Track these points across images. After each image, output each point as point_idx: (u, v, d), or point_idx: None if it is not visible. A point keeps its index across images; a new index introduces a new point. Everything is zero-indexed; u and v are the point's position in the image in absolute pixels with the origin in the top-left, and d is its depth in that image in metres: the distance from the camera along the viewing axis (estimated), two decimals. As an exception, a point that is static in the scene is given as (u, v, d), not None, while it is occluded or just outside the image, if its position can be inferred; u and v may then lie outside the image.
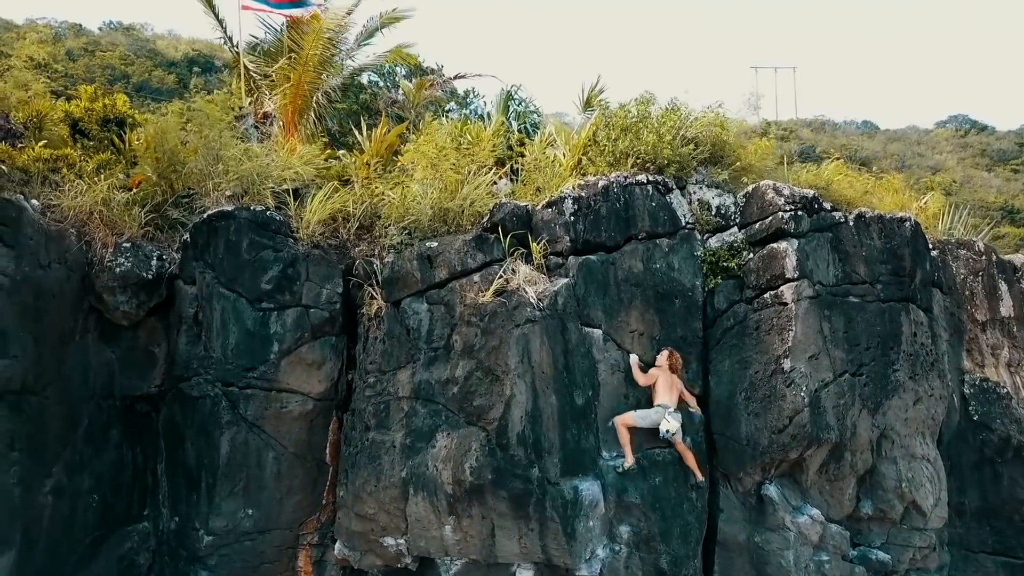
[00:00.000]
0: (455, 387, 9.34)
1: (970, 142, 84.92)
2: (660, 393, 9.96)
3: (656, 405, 9.93)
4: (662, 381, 10.00)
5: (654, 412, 9.88)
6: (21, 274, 9.67)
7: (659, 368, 10.10)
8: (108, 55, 51.68)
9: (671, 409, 9.89)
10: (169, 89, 49.99)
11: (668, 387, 9.99)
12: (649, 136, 10.85)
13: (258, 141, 13.03)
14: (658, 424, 9.83)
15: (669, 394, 9.97)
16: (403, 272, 10.01)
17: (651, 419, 9.87)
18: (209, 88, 50.30)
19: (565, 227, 10.14)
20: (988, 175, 70.04)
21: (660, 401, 9.92)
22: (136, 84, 48.45)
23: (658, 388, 9.99)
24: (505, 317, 9.31)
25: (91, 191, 11.00)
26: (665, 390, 9.97)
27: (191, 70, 55.81)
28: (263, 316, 10.18)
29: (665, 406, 9.88)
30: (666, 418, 9.81)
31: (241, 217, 10.45)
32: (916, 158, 78.25)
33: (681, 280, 10.58)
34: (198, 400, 10.12)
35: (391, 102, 16.50)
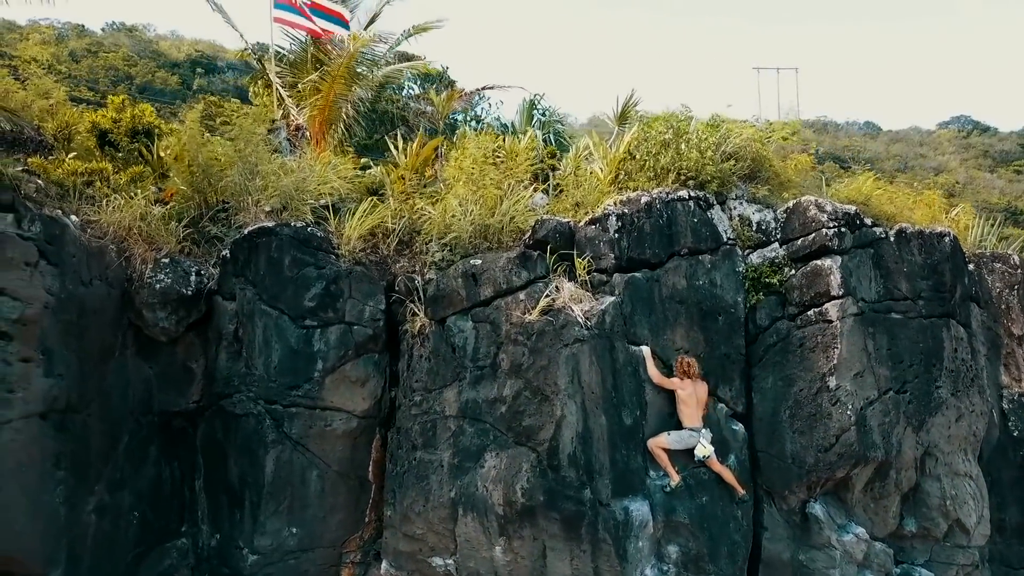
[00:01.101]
0: (503, 406, 9.31)
1: (972, 143, 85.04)
2: (687, 415, 9.82)
3: (687, 428, 9.82)
4: (687, 397, 9.81)
5: (687, 436, 9.79)
6: (65, 292, 9.62)
7: (678, 382, 9.89)
8: (111, 56, 51.64)
9: (703, 431, 9.81)
10: (172, 90, 50.02)
11: (696, 404, 9.82)
12: (691, 152, 10.81)
13: (291, 154, 12.99)
14: (692, 447, 9.78)
15: (697, 413, 9.85)
16: (448, 290, 9.97)
17: (685, 443, 9.80)
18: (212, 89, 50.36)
19: (610, 244, 10.11)
20: (991, 176, 70.13)
21: (690, 424, 9.81)
22: (140, 85, 48.45)
23: (684, 410, 9.83)
24: (553, 336, 9.27)
25: (128, 206, 10.94)
26: (692, 410, 9.80)
27: (194, 71, 55.80)
28: (306, 334, 10.14)
29: (696, 429, 9.79)
30: (701, 443, 9.76)
31: (283, 234, 10.41)
32: (918, 159, 78.34)
33: (724, 297, 10.55)
34: (241, 418, 10.08)
35: (419, 113, 16.48)
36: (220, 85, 52.72)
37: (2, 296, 9.07)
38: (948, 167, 74.20)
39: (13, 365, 9.08)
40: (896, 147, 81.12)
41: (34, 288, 9.34)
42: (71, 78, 38.62)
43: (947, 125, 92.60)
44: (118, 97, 15.59)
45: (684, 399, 9.86)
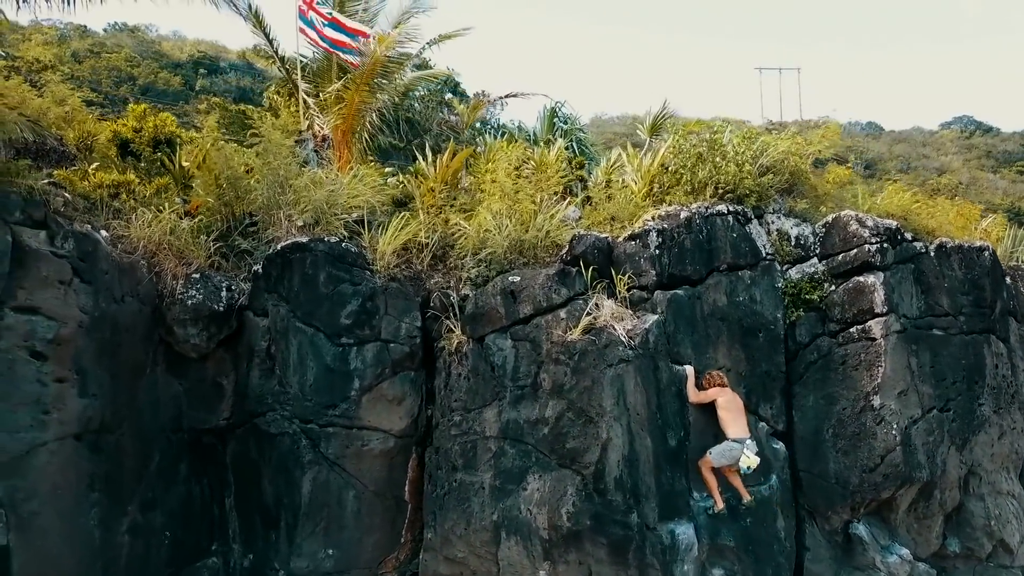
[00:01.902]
0: (545, 428, 9.15)
1: (975, 143, 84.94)
2: (730, 424, 9.60)
3: (730, 440, 9.63)
4: (725, 407, 9.61)
5: (729, 448, 9.59)
6: (99, 310, 9.47)
7: (714, 390, 9.69)
8: (114, 57, 51.41)
9: (747, 441, 9.61)
10: (175, 91, 49.84)
11: (737, 413, 9.61)
12: (729, 166, 10.66)
13: (318, 165, 12.82)
14: (737, 460, 9.60)
15: (739, 422, 9.61)
16: (487, 307, 9.81)
17: (729, 456, 9.60)
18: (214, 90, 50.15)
19: (651, 261, 9.96)
20: (994, 177, 70.02)
21: (734, 435, 9.59)
22: (142, 86, 48.26)
23: (726, 417, 9.61)
24: (596, 356, 9.12)
25: (158, 220, 10.77)
26: (734, 418, 9.58)
27: (197, 71, 55.60)
28: (343, 352, 9.98)
29: (740, 440, 9.57)
30: (745, 454, 9.54)
31: (318, 250, 10.24)
32: (921, 159, 78.18)
33: (763, 313, 10.40)
34: (276, 437, 9.93)
35: (442, 121, 16.31)
36: (223, 86, 52.56)
37: (36, 315, 8.93)
38: (951, 168, 74.05)
39: (48, 386, 8.95)
40: (899, 147, 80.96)
41: (68, 307, 9.20)
42: (74, 79, 38.42)
43: (949, 125, 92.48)
44: (139, 106, 15.43)
45: (724, 406, 9.61)
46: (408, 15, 15.78)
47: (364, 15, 15.16)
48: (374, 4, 15.38)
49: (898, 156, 77.22)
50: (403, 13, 15.88)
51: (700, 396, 9.67)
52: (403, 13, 15.88)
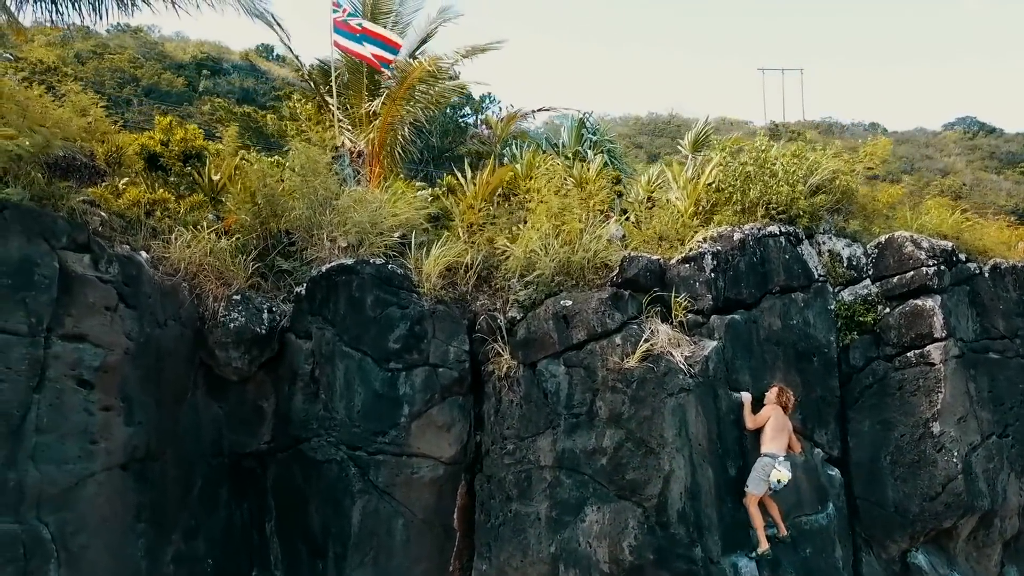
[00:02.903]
0: (603, 458, 8.95)
1: (978, 144, 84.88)
2: (768, 439, 9.31)
3: (765, 454, 9.33)
4: (772, 424, 9.35)
5: (762, 465, 9.26)
6: (144, 336, 9.26)
7: (770, 407, 9.44)
8: (117, 58, 51.14)
9: (780, 458, 9.27)
10: (179, 92, 49.60)
11: (779, 430, 9.34)
12: (782, 187, 10.46)
13: (355, 182, 12.61)
14: (769, 476, 9.31)
15: (778, 439, 9.32)
16: (539, 333, 9.61)
17: (763, 474, 9.25)
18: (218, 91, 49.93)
19: (707, 284, 9.76)
20: (997, 178, 69.96)
21: (768, 449, 9.29)
22: (146, 87, 48.01)
23: (766, 432, 9.35)
24: (655, 384, 8.92)
25: (197, 240, 10.55)
26: (774, 434, 9.30)
27: (200, 72, 55.34)
28: (391, 377, 9.77)
29: (773, 455, 9.26)
30: (776, 468, 9.19)
31: (365, 272, 10.03)
32: (925, 161, 78.04)
33: (817, 336, 10.22)
34: (323, 464, 9.72)
35: (472, 135, 16.09)
36: (226, 87, 52.32)
37: (83, 343, 8.71)
38: (954, 168, 73.97)
39: (95, 415, 8.73)
40: (902, 148, 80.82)
41: (114, 333, 8.98)
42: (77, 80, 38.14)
43: (952, 126, 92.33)
44: (165, 119, 15.20)
45: (773, 424, 9.34)
46: (436, 24, 15.55)
47: (394, 28, 14.92)
48: (404, 16, 15.14)
49: (901, 157, 77.08)
50: (431, 23, 15.66)
51: (757, 420, 9.44)
52: (431, 23, 15.66)
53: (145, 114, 35.96)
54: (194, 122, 43.29)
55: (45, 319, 8.37)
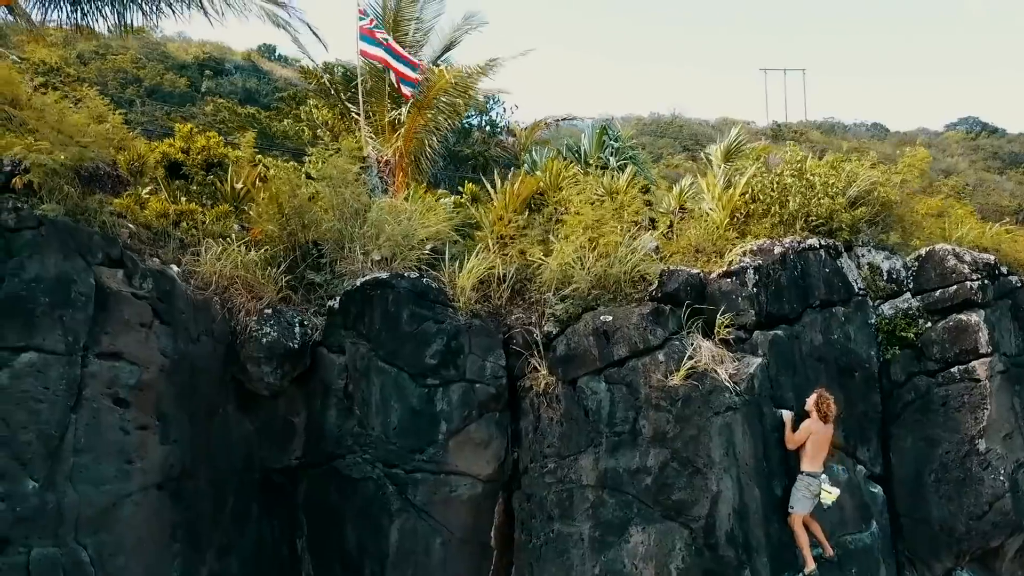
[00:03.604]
0: (648, 478, 8.81)
1: (981, 145, 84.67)
2: (809, 457, 9.10)
3: (803, 473, 9.13)
4: (813, 440, 9.11)
5: (806, 485, 9.08)
6: (178, 352, 9.12)
7: (808, 423, 9.15)
8: (119, 59, 50.93)
9: (822, 476, 9.13)
10: (181, 92, 49.39)
11: (820, 446, 9.12)
12: (823, 199, 10.30)
13: (383, 192, 12.45)
14: (817, 496, 9.14)
15: (820, 457, 9.14)
16: (579, 349, 9.45)
17: (809, 494, 9.09)
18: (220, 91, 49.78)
19: (749, 300, 9.61)
20: (1000, 178, 69.83)
21: (809, 467, 9.08)
22: (148, 88, 47.79)
23: (807, 449, 9.12)
24: (701, 403, 8.77)
25: (227, 253, 10.39)
26: (816, 451, 9.10)
27: (202, 73, 55.14)
28: (428, 393, 9.62)
29: (814, 474, 9.09)
30: (824, 488, 9.05)
31: (400, 286, 9.88)
32: (927, 161, 78.05)
33: (858, 351, 10.08)
34: (359, 482, 9.57)
35: (496, 143, 15.94)
36: (228, 87, 52.13)
37: (119, 361, 8.58)
38: (957, 169, 73.84)
39: (131, 434, 8.60)
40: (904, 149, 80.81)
41: (150, 350, 8.85)
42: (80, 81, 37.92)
43: (955, 127, 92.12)
44: (185, 126, 15.03)
45: (813, 441, 9.12)
46: (460, 31, 15.39)
47: (417, 34, 14.77)
48: (426, 22, 14.98)
49: (904, 158, 77.05)
50: (455, 29, 15.50)
51: (797, 439, 9.24)
52: (455, 29, 15.50)
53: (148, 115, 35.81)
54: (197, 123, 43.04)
55: (82, 337, 8.24)
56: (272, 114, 37.57)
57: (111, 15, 11.56)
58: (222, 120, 37.86)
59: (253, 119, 37.27)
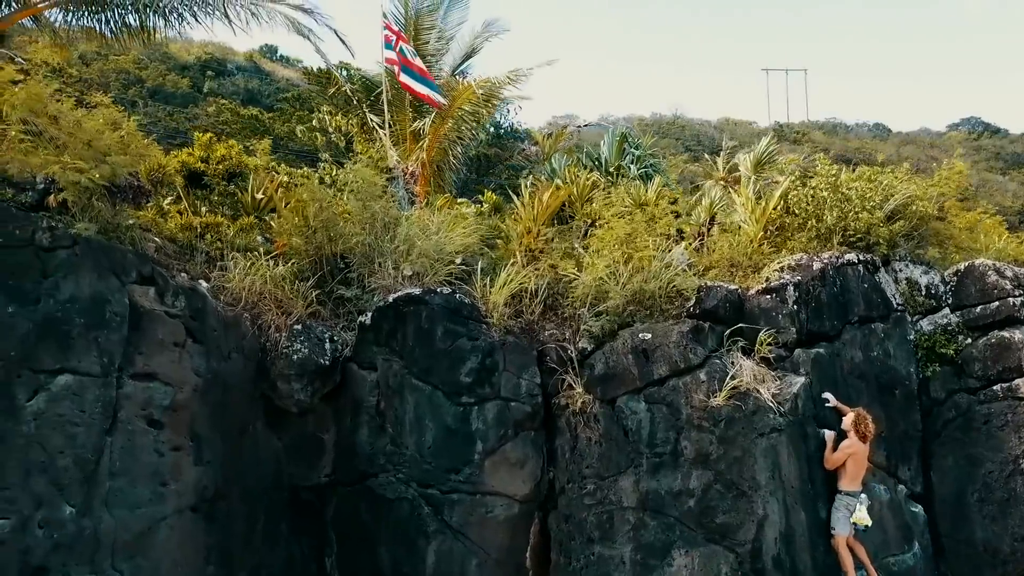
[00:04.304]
0: (691, 500, 8.65)
1: (984, 145, 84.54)
2: (848, 475, 8.93)
3: (841, 492, 8.97)
4: (852, 461, 8.94)
5: (842, 506, 8.92)
6: (211, 372, 8.97)
7: (848, 445, 8.98)
8: (122, 59, 50.64)
9: (861, 496, 8.96)
10: (184, 93, 49.18)
11: (859, 465, 8.97)
12: (862, 213, 10.15)
13: (409, 203, 12.29)
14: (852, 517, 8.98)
15: (859, 475, 8.99)
16: (619, 368, 9.30)
17: (847, 514, 8.94)
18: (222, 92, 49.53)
19: (790, 317, 9.45)
20: (1003, 179, 69.69)
21: (847, 487, 8.94)
22: (151, 88, 47.58)
23: (847, 469, 8.96)
24: (744, 424, 8.62)
25: (256, 268, 10.22)
26: (855, 471, 8.94)
27: (204, 73, 54.92)
28: (463, 411, 9.47)
29: (852, 493, 8.92)
30: (859, 509, 8.88)
31: (434, 303, 9.73)
32: (930, 162, 77.79)
33: (897, 368, 9.93)
34: (393, 502, 9.42)
35: (519, 151, 15.78)
36: (231, 88, 51.93)
37: (154, 381, 8.42)
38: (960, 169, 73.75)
39: (165, 455, 8.44)
40: (907, 149, 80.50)
41: (183, 370, 8.70)
42: (82, 82, 37.67)
43: (957, 127, 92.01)
44: (204, 135, 14.86)
45: (853, 461, 8.95)
46: (481, 39, 15.23)
47: (438, 43, 14.61)
48: (448, 30, 14.83)
49: (906, 158, 76.87)
50: (475, 36, 15.35)
51: (835, 460, 9.05)
52: (475, 36, 15.35)
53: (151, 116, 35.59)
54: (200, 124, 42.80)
55: (117, 358, 8.08)
56: (275, 115, 37.40)
57: (134, 22, 11.37)
58: (224, 121, 37.67)
59: (256, 121, 37.09)
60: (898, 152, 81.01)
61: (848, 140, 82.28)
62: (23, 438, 7.28)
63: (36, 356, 7.49)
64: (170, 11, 10.93)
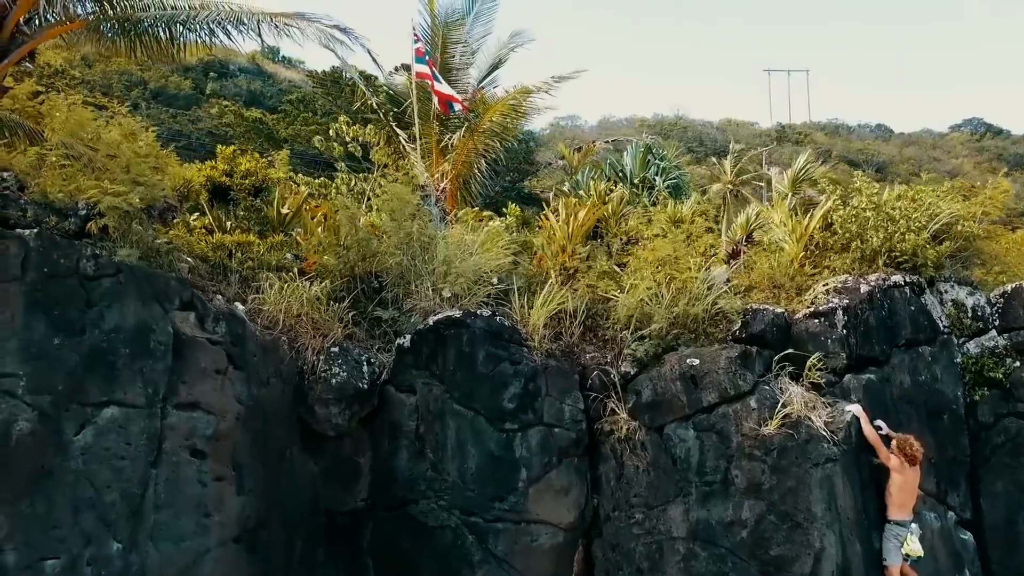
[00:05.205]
0: (743, 531, 8.50)
1: (986, 146, 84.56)
2: (897, 503, 8.77)
3: (891, 522, 8.82)
4: (899, 484, 8.78)
5: (892, 536, 8.76)
6: (252, 399, 8.80)
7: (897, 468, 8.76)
8: (124, 61, 50.32)
9: (912, 525, 8.80)
10: (186, 94, 48.98)
11: (909, 492, 8.80)
12: (909, 234, 10.00)
13: (441, 221, 12.12)
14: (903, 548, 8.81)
15: (908, 503, 8.82)
16: (667, 395, 9.14)
17: (897, 545, 8.77)
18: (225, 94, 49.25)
19: (840, 342, 9.29)
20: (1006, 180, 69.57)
21: (897, 515, 8.79)
22: (153, 90, 47.38)
23: (892, 495, 8.83)
24: (798, 453, 8.47)
25: (293, 289, 10.04)
26: (904, 498, 8.78)
27: (207, 75, 54.72)
28: (507, 438, 9.31)
29: (903, 523, 8.77)
30: (910, 539, 8.74)
31: (475, 326, 9.56)
32: (932, 163, 77.68)
33: (945, 392, 9.79)
34: (435, 530, 9.25)
35: (545, 164, 15.61)
36: (233, 89, 51.80)
37: (196, 411, 8.26)
38: (962, 170, 73.63)
39: (208, 486, 8.27)
40: (909, 150, 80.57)
41: (225, 398, 8.53)
42: (85, 83, 37.48)
43: (959, 128, 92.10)
44: (228, 148, 14.70)
45: (900, 485, 8.77)
46: (507, 50, 15.07)
47: (463, 56, 14.45)
48: (472, 43, 14.66)
49: (909, 159, 76.84)
50: (500, 47, 15.19)
51: (880, 448, 8.77)
52: (500, 47, 15.19)
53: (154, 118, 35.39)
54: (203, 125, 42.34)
55: (161, 388, 7.92)
56: (279, 118, 37.18)
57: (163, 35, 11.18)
58: (228, 124, 37.46)
59: (259, 123, 36.85)
60: (900, 153, 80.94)
61: (850, 141, 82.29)
62: (72, 474, 7.13)
63: (83, 389, 7.34)
64: (201, 28, 10.73)
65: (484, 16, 14.27)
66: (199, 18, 10.58)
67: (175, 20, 10.53)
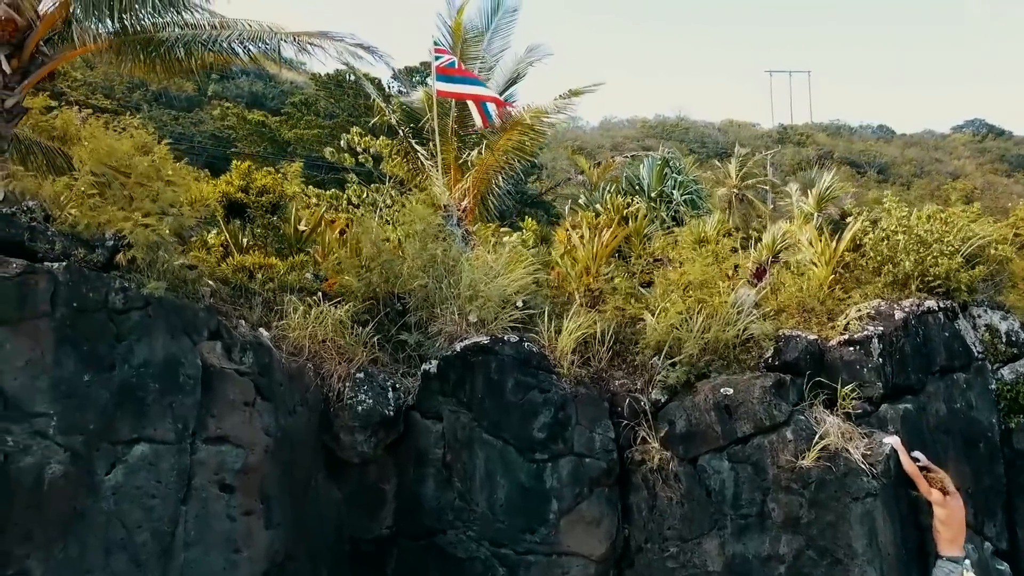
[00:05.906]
0: (781, 566, 8.36)
1: (988, 147, 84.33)
2: (945, 538, 8.51)
3: (943, 558, 8.61)
4: (946, 518, 8.52)
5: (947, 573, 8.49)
6: (280, 429, 8.63)
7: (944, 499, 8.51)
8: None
9: (965, 562, 8.59)
10: (188, 96, 48.74)
11: (957, 527, 8.52)
12: (943, 259, 9.85)
13: (463, 241, 11.96)
14: None
15: (959, 540, 8.57)
16: (701, 426, 8.99)
17: None
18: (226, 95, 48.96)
19: (876, 371, 9.14)
20: (1008, 181, 69.47)
21: (948, 551, 8.55)
22: (155, 92, 47.13)
23: (943, 532, 8.50)
24: (836, 487, 8.32)
25: (317, 314, 9.87)
26: (952, 532, 8.52)
27: (208, 76, 54.48)
28: (537, 468, 9.15)
29: (956, 559, 8.53)
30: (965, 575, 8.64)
31: (504, 353, 9.41)
32: (934, 164, 77.58)
33: (980, 420, 9.65)
34: (464, 562, 9.11)
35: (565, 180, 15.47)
36: (235, 90, 51.61)
37: (225, 445, 8.10)
38: (964, 172, 73.49)
39: (237, 521, 8.11)
40: (911, 151, 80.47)
41: (254, 430, 8.36)
42: (87, 85, 37.25)
43: (961, 129, 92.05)
44: (243, 164, 14.55)
45: (944, 519, 8.53)
46: (525, 64, 14.92)
47: (481, 72, 14.29)
48: (490, 59, 14.50)
49: (911, 160, 76.72)
50: (518, 62, 15.03)
51: (920, 481, 8.56)
52: (518, 62, 15.03)
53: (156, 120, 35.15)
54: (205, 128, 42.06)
55: (191, 423, 7.76)
56: (281, 120, 36.94)
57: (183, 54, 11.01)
58: (230, 126, 37.21)
59: (262, 126, 36.61)
60: (902, 154, 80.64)
61: (852, 142, 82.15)
62: (104, 515, 6.97)
63: (114, 427, 7.17)
64: (223, 48, 10.57)
65: (503, 31, 14.13)
66: (221, 38, 10.42)
67: (197, 40, 10.37)
